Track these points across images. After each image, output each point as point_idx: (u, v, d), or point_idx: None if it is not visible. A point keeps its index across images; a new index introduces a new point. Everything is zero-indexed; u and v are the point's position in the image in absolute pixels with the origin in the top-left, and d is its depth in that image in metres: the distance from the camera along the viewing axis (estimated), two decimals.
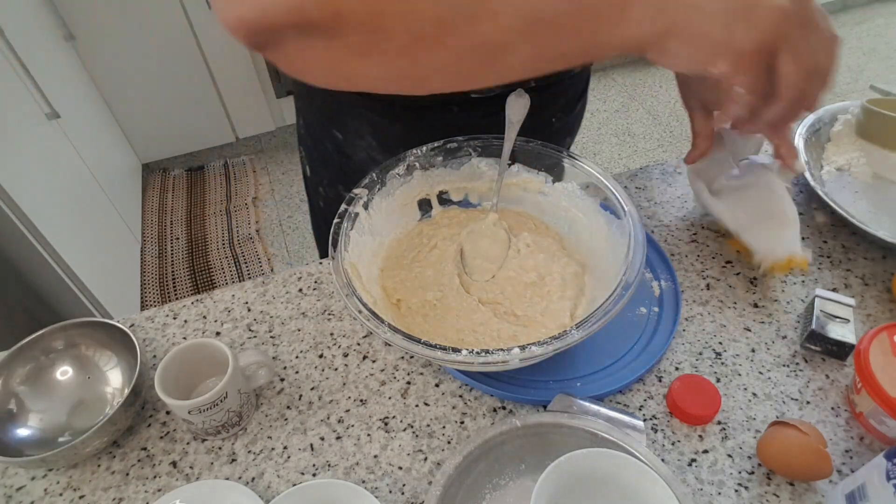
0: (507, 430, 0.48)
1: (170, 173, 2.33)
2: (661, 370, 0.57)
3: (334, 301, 0.65)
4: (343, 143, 0.74)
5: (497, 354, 0.46)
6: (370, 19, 0.35)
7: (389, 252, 0.63)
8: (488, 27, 0.36)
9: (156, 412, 0.57)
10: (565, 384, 0.55)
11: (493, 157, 0.64)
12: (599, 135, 2.38)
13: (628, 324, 0.60)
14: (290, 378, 0.59)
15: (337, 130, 0.73)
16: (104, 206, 1.74)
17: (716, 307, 0.62)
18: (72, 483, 0.52)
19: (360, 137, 0.71)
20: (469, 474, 0.47)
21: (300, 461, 0.53)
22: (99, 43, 1.88)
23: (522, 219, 0.66)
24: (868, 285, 0.64)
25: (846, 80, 2.55)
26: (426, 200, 0.66)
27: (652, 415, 0.54)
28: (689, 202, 0.74)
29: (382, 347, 0.61)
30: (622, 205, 0.56)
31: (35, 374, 0.57)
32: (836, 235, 0.68)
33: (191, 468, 0.53)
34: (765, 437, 0.50)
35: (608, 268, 0.57)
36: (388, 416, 0.55)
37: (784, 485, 0.49)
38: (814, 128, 0.76)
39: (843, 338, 0.55)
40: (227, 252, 2.02)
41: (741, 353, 0.58)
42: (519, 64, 0.39)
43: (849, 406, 0.54)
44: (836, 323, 0.56)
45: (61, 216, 1.40)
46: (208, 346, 0.53)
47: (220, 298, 0.67)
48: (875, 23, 2.90)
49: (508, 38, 0.37)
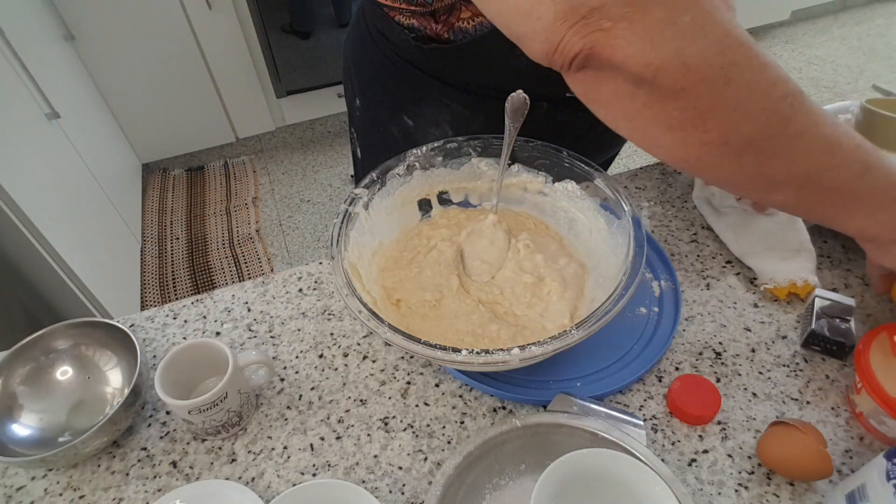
0: (507, 430, 0.48)
1: (170, 173, 2.33)
2: (661, 370, 0.57)
3: (334, 301, 0.65)
4: (413, 130, 0.73)
5: (497, 354, 0.46)
6: (699, 106, 0.39)
7: (389, 252, 0.63)
8: (779, 164, 0.42)
9: (156, 412, 0.57)
10: (565, 384, 0.55)
11: (493, 157, 0.64)
12: None
13: (628, 324, 0.60)
14: (290, 378, 0.59)
15: (409, 117, 0.72)
16: (104, 206, 1.74)
17: (716, 307, 0.62)
18: (72, 483, 0.52)
19: (436, 126, 0.71)
20: (469, 474, 0.47)
21: (300, 461, 0.53)
22: (99, 43, 1.88)
23: (522, 219, 0.66)
24: (868, 285, 0.64)
25: (846, 80, 2.56)
26: (426, 200, 0.66)
27: (652, 415, 0.54)
28: (689, 202, 0.74)
29: (382, 347, 0.61)
30: (622, 205, 0.56)
31: (35, 374, 0.57)
32: (836, 235, 0.68)
33: (191, 468, 0.53)
34: (765, 437, 0.50)
35: (608, 268, 0.57)
36: (388, 416, 0.55)
37: (784, 485, 0.49)
38: None
39: (843, 338, 0.55)
40: (227, 252, 2.02)
41: (741, 353, 0.58)
42: (779, 201, 0.46)
43: (849, 406, 0.54)
44: (836, 323, 0.56)
45: (61, 216, 1.40)
46: (208, 346, 0.53)
47: (220, 298, 0.67)
48: (875, 23, 2.91)
49: (785, 180, 0.43)
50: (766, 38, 2.85)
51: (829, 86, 2.54)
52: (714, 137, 0.40)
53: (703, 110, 0.39)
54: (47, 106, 1.44)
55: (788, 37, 2.85)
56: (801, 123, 0.41)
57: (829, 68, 2.64)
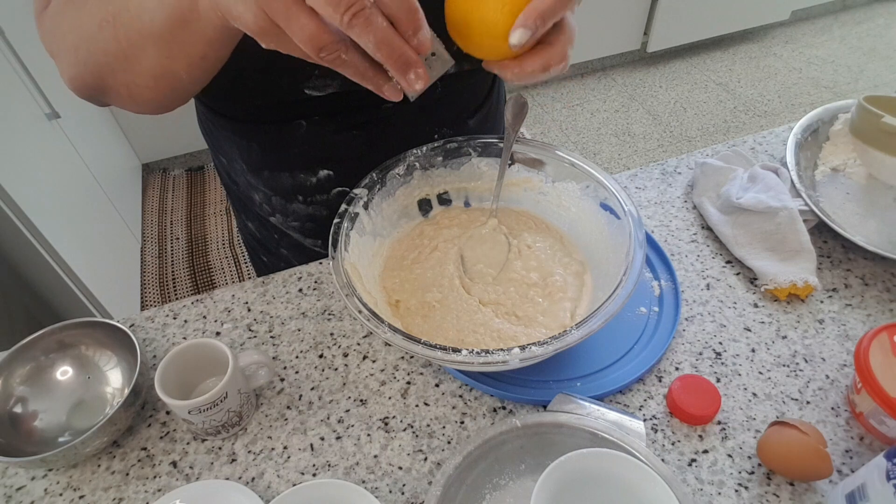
0: (507, 430, 0.48)
1: (170, 173, 2.33)
2: (661, 370, 0.57)
3: (334, 301, 0.65)
4: (229, 170, 0.74)
5: (497, 354, 0.46)
6: (107, 53, 0.47)
7: (390, 252, 0.63)
8: (121, 45, 0.46)
9: (156, 412, 0.57)
10: (565, 384, 0.55)
11: (493, 157, 0.64)
12: (599, 135, 2.38)
13: (628, 324, 0.60)
14: (290, 378, 0.59)
15: (223, 157, 0.74)
16: (104, 206, 1.74)
17: (716, 307, 0.62)
18: (72, 483, 0.52)
19: (235, 161, 0.71)
20: (469, 474, 0.47)
21: (300, 461, 0.53)
22: None
23: (523, 218, 0.66)
24: (868, 285, 0.64)
25: (846, 80, 2.56)
26: (426, 200, 0.66)
27: (652, 415, 0.54)
28: (689, 202, 0.74)
29: (382, 347, 0.61)
30: (622, 205, 0.56)
31: (35, 374, 0.57)
32: (836, 235, 0.68)
33: (191, 468, 0.53)
34: (765, 437, 0.50)
35: (608, 268, 0.57)
36: (388, 416, 0.55)
37: (784, 485, 0.49)
38: (812, 128, 0.76)
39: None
40: (227, 252, 2.02)
41: (741, 353, 0.58)
42: (153, 66, 0.47)
43: (849, 406, 0.54)
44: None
45: (61, 216, 1.40)
46: (208, 346, 0.53)
47: (220, 298, 0.67)
48: (875, 23, 2.90)
49: (132, 50, 0.46)
50: (766, 38, 2.85)
51: (829, 86, 2.54)
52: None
53: (113, 74, 0.49)
54: (47, 106, 1.43)
55: (788, 37, 2.85)
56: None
57: (829, 68, 2.64)
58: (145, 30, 0.44)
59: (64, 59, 0.50)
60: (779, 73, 2.64)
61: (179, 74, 0.47)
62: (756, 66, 2.68)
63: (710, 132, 2.36)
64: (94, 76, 0.49)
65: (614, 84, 2.65)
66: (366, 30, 0.34)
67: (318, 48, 0.35)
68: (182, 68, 0.46)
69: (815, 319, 0.61)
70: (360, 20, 0.34)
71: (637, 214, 0.55)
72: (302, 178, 0.68)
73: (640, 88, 2.61)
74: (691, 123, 2.40)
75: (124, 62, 0.47)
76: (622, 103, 2.53)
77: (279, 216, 0.73)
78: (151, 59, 0.46)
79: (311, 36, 0.35)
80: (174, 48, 0.44)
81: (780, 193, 0.66)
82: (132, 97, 0.50)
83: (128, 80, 0.49)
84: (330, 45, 0.36)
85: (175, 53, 0.45)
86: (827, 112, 0.77)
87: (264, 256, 0.83)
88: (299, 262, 0.70)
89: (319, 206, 0.71)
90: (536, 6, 0.38)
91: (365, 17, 0.34)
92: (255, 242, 0.83)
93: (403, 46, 0.36)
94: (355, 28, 0.34)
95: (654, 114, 2.47)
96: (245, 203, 0.77)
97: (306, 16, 0.34)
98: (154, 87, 0.49)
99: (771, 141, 0.82)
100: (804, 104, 2.45)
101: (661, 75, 2.67)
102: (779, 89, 2.54)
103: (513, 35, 0.38)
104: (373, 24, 0.34)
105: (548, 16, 0.38)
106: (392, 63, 0.37)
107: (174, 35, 0.43)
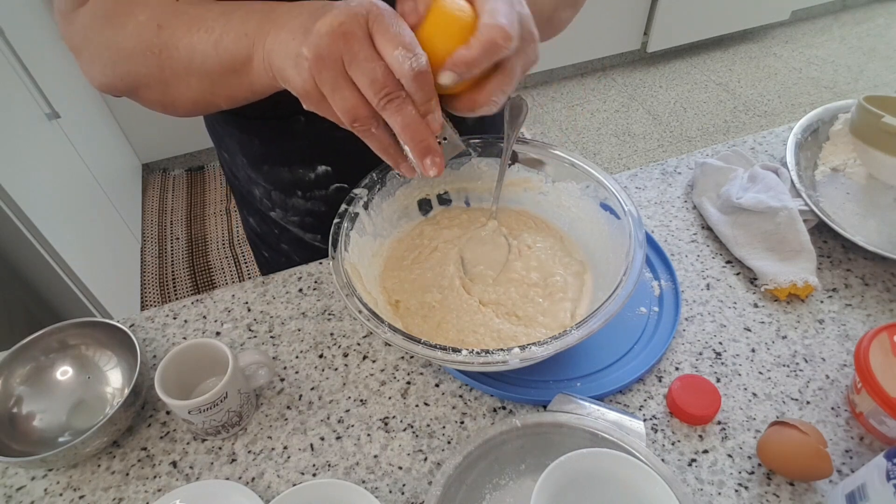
0: (507, 430, 0.48)
1: (170, 173, 2.32)
2: (661, 370, 0.57)
3: (334, 301, 0.65)
4: (231, 164, 0.75)
5: (497, 354, 0.46)
6: (147, 76, 0.50)
7: (390, 252, 0.63)
8: (164, 75, 0.49)
9: (156, 412, 0.57)
10: (565, 384, 0.56)
11: (493, 157, 0.64)
12: (599, 135, 2.38)
13: (628, 324, 0.60)
14: (290, 378, 0.59)
15: (225, 152, 0.74)
16: (104, 206, 1.74)
17: (716, 307, 0.62)
18: (72, 483, 0.52)
19: (237, 155, 0.72)
20: (469, 474, 0.47)
21: (300, 461, 0.53)
22: None
23: (524, 218, 0.66)
24: (868, 285, 0.64)
25: (846, 80, 2.56)
26: (426, 200, 0.66)
27: (652, 415, 0.54)
28: (689, 202, 0.74)
29: (382, 347, 0.61)
30: (622, 205, 0.56)
31: (35, 374, 0.57)
32: (836, 235, 0.68)
33: (191, 468, 0.53)
34: (765, 437, 0.50)
35: (608, 268, 0.57)
36: (388, 416, 0.55)
37: (784, 485, 0.49)
38: (812, 128, 0.76)
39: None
40: (227, 252, 2.02)
41: (741, 353, 0.58)
42: (194, 96, 0.50)
43: (849, 406, 0.54)
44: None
45: (61, 216, 1.40)
46: (208, 346, 0.53)
47: (220, 298, 0.67)
48: (875, 23, 2.90)
49: (176, 80, 0.49)
50: (766, 38, 2.85)
51: (829, 86, 2.54)
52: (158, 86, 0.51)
53: (146, 78, 0.51)
54: (47, 106, 1.43)
55: (788, 37, 2.85)
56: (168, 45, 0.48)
57: (829, 68, 2.64)
58: (194, 68, 0.47)
59: (96, 66, 0.52)
60: (779, 73, 2.64)
61: (219, 105, 0.51)
62: (756, 66, 2.68)
63: (710, 132, 2.36)
64: (128, 87, 0.52)
65: (614, 84, 2.65)
66: (396, 112, 0.39)
67: (354, 118, 0.40)
68: (223, 102, 0.50)
69: (815, 319, 0.61)
70: (393, 104, 0.39)
71: (637, 214, 0.55)
72: (300, 173, 0.68)
73: (640, 88, 2.61)
74: (691, 123, 2.40)
75: (165, 87, 0.50)
76: (622, 103, 2.53)
77: (279, 211, 0.74)
78: (195, 91, 0.49)
79: (351, 108, 0.40)
80: (219, 88, 0.48)
81: (780, 193, 0.66)
82: (165, 108, 0.54)
83: (165, 100, 0.52)
84: (364, 119, 0.41)
85: (219, 91, 0.49)
86: (827, 112, 0.77)
87: (266, 252, 0.84)
88: (300, 257, 0.70)
89: (318, 202, 0.71)
90: (462, 54, 0.40)
91: (398, 103, 0.39)
92: (257, 238, 0.83)
93: (428, 134, 0.41)
94: (388, 109, 0.39)
95: (654, 114, 2.47)
96: (246, 198, 0.78)
97: (349, 90, 0.39)
98: (191, 109, 0.53)
99: (771, 141, 0.82)
100: (804, 104, 2.45)
101: (661, 75, 2.67)
102: (779, 89, 2.54)
103: (441, 76, 0.41)
104: (403, 109, 0.40)
105: (473, 65, 0.40)
106: (414, 146, 0.42)
107: (223, 79, 0.47)
